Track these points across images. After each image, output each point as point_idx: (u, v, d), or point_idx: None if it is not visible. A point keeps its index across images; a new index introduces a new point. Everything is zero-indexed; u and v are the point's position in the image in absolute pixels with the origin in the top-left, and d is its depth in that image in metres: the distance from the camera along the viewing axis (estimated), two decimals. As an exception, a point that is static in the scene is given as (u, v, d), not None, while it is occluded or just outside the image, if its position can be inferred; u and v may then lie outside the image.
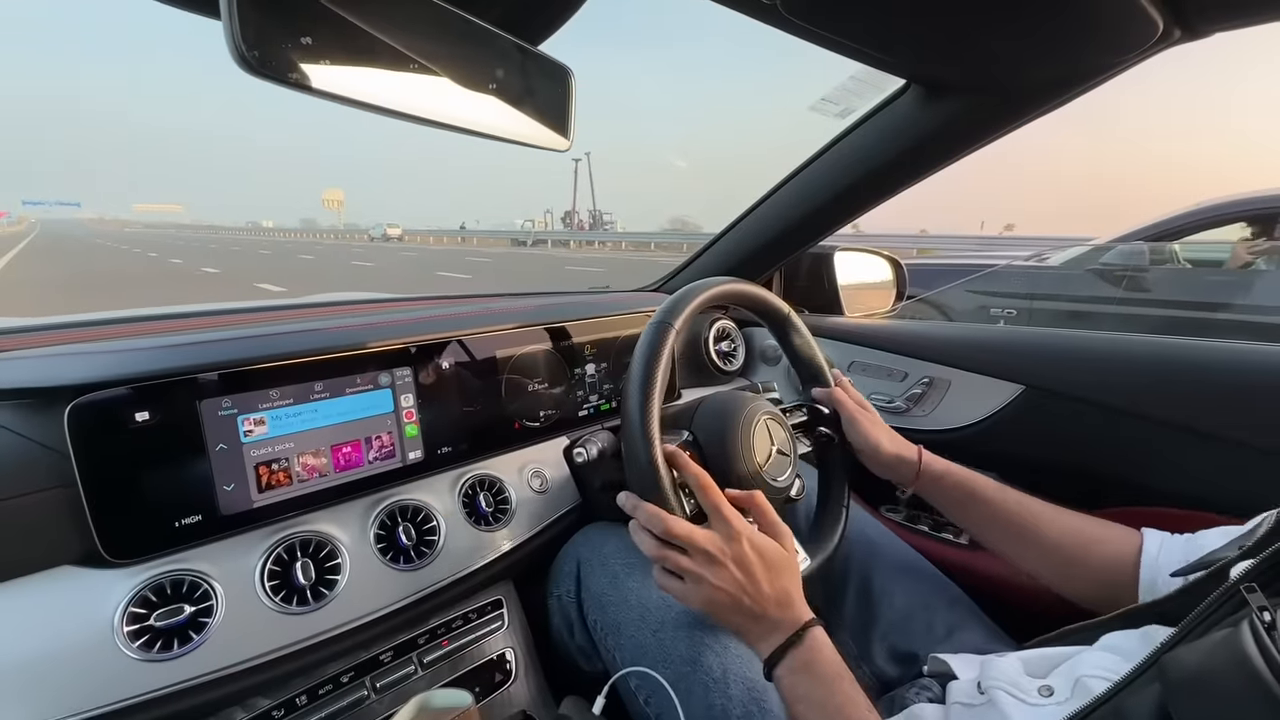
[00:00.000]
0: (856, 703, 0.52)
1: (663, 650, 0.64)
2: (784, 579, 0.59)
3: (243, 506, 0.62)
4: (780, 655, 0.55)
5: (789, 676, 0.55)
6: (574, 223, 55.54)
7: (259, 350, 0.64)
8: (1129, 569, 0.62)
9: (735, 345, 1.25)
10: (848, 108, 0.84)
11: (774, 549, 0.60)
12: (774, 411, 0.75)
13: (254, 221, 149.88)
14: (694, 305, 0.67)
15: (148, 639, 0.54)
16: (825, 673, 0.54)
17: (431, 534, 0.72)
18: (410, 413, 0.75)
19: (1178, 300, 2.78)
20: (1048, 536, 0.68)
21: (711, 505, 0.61)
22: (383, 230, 55.43)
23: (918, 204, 30.27)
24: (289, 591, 0.62)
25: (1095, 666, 0.49)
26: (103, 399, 0.55)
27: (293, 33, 0.31)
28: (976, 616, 0.77)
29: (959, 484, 0.74)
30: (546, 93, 0.49)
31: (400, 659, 0.70)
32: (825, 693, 0.53)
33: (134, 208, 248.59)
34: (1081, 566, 0.66)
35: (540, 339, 0.92)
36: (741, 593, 0.57)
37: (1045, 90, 0.70)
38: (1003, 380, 0.96)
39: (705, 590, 0.58)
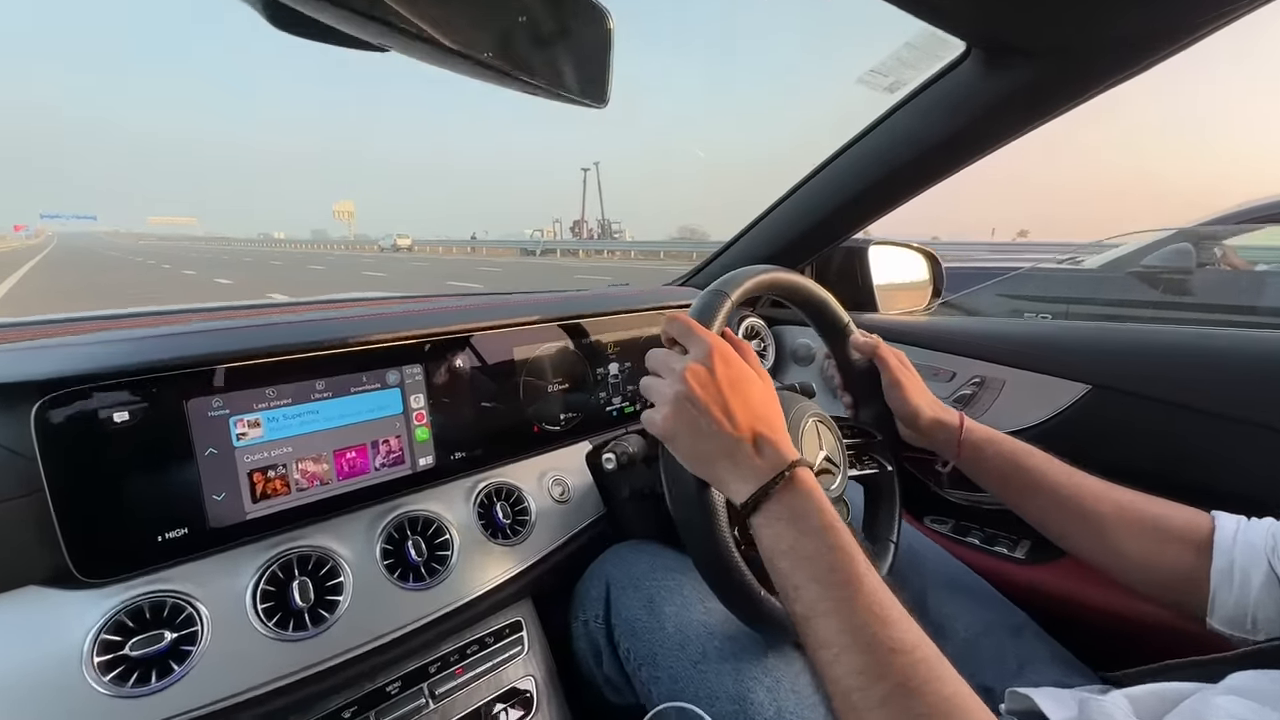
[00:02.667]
0: (854, 558, 0.44)
1: (705, 685, 0.56)
2: (761, 409, 0.52)
3: (234, 519, 0.56)
4: (760, 499, 0.47)
5: (769, 527, 0.47)
6: (583, 232, 55.73)
7: (253, 343, 0.58)
8: (1196, 552, 0.55)
9: (765, 345, 1.17)
10: (898, 80, 0.77)
11: (751, 375, 0.54)
12: (825, 416, 0.68)
13: (266, 233, 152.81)
14: (750, 284, 0.61)
15: (121, 671, 0.47)
16: (814, 523, 0.46)
17: (444, 549, 0.66)
18: (421, 414, 0.69)
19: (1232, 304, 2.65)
20: (1098, 510, 0.61)
21: (680, 326, 0.55)
22: (392, 241, 55.74)
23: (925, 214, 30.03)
24: (284, 615, 0.55)
25: (1228, 714, 0.42)
26: (75, 396, 0.49)
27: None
28: (1046, 644, 0.69)
29: (1002, 453, 0.68)
30: (584, 37, 0.42)
31: (409, 690, 0.63)
32: (817, 546, 0.45)
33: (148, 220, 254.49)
34: (1136, 545, 0.59)
35: (560, 336, 0.85)
36: (707, 417, 0.50)
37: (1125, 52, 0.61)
38: (1066, 379, 0.88)
39: (670, 415, 0.51)
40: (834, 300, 0.75)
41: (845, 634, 0.41)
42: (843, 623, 0.41)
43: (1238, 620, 0.52)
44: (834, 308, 0.75)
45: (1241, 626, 0.52)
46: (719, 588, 0.54)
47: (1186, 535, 0.57)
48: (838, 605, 0.42)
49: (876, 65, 0.75)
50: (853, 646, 0.40)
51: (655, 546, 0.72)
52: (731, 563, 0.52)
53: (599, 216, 57.78)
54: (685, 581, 0.65)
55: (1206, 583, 0.54)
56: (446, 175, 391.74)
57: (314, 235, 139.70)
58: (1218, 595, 0.53)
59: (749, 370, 0.54)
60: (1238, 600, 0.52)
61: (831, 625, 0.42)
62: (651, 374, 0.55)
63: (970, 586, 0.76)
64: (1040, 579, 0.88)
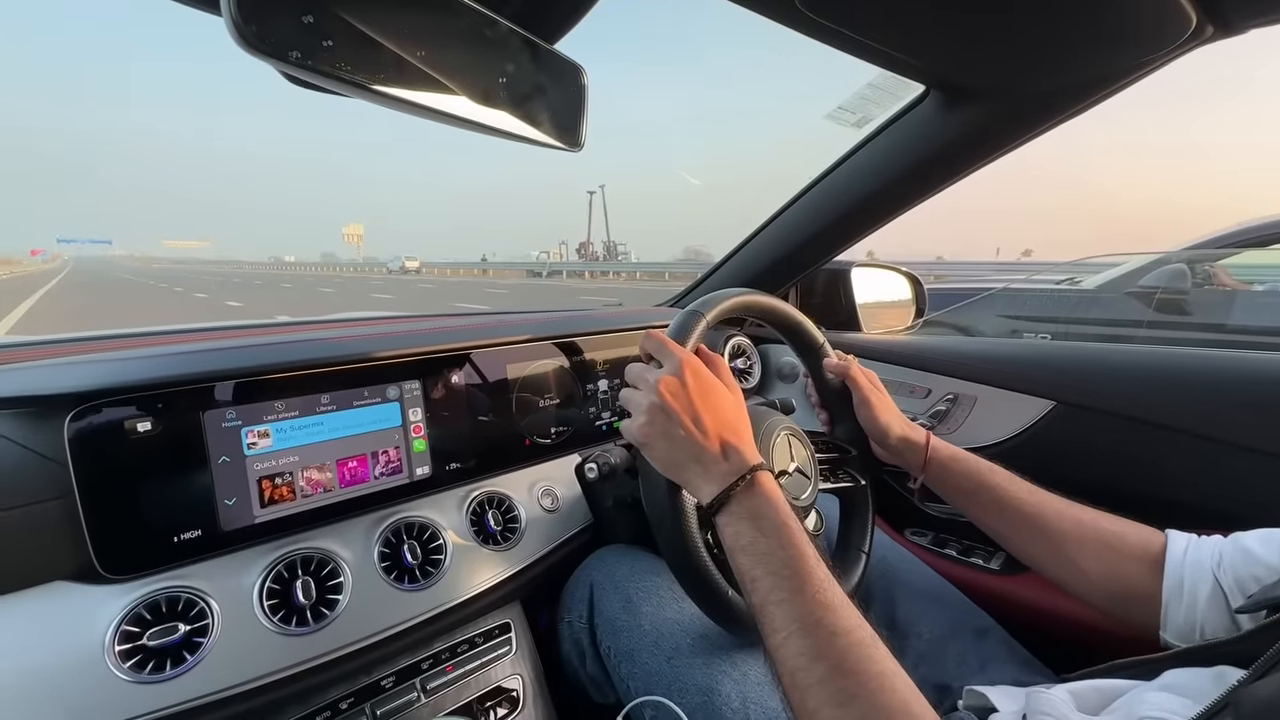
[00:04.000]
0: (805, 554, 0.48)
1: (678, 678, 0.61)
2: (729, 419, 0.56)
3: (244, 522, 0.60)
4: (723, 500, 0.52)
5: (732, 524, 0.52)
6: (588, 253, 56.04)
7: (265, 359, 0.63)
8: (1149, 568, 0.58)
9: (751, 363, 1.22)
10: (865, 116, 0.83)
11: (720, 387, 0.58)
12: (796, 429, 0.72)
13: (276, 256, 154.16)
14: (725, 305, 0.65)
15: (139, 659, 0.52)
16: (771, 521, 0.50)
17: (438, 553, 0.70)
18: (419, 427, 0.73)
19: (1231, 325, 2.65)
20: (1058, 527, 0.64)
21: (655, 343, 0.59)
22: (401, 263, 56.23)
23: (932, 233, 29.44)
24: (288, 611, 0.59)
25: (1158, 707, 0.45)
26: (103, 408, 0.54)
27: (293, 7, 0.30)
28: (1010, 647, 0.72)
29: (967, 471, 0.72)
30: (559, 91, 0.48)
31: (402, 684, 0.67)
32: (771, 543, 0.49)
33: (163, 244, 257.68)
34: (1094, 561, 0.62)
35: (552, 354, 0.90)
36: (678, 425, 0.54)
37: (1070, 94, 0.68)
38: (1032, 396, 0.92)
39: (645, 424, 0.56)
40: (809, 322, 0.78)
41: (793, 620, 0.45)
42: (791, 610, 0.46)
43: (1187, 633, 0.55)
44: (809, 329, 0.78)
45: (1191, 638, 0.54)
46: (686, 583, 0.58)
47: (1141, 553, 0.59)
48: (789, 595, 0.47)
49: (844, 102, 0.81)
50: (798, 631, 0.45)
51: (636, 551, 0.77)
52: (699, 560, 0.56)
53: (604, 238, 58.29)
54: (661, 583, 0.70)
55: (1159, 598, 0.56)
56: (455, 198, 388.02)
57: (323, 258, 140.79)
58: (1169, 609, 0.56)
59: (718, 383, 0.59)
60: (1187, 614, 0.55)
61: (782, 612, 0.46)
62: (630, 386, 0.60)
63: (941, 594, 0.80)
64: (1011, 588, 0.92)
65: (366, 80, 0.35)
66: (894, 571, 0.80)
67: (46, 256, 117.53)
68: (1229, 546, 0.55)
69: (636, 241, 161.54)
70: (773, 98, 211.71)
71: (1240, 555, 0.53)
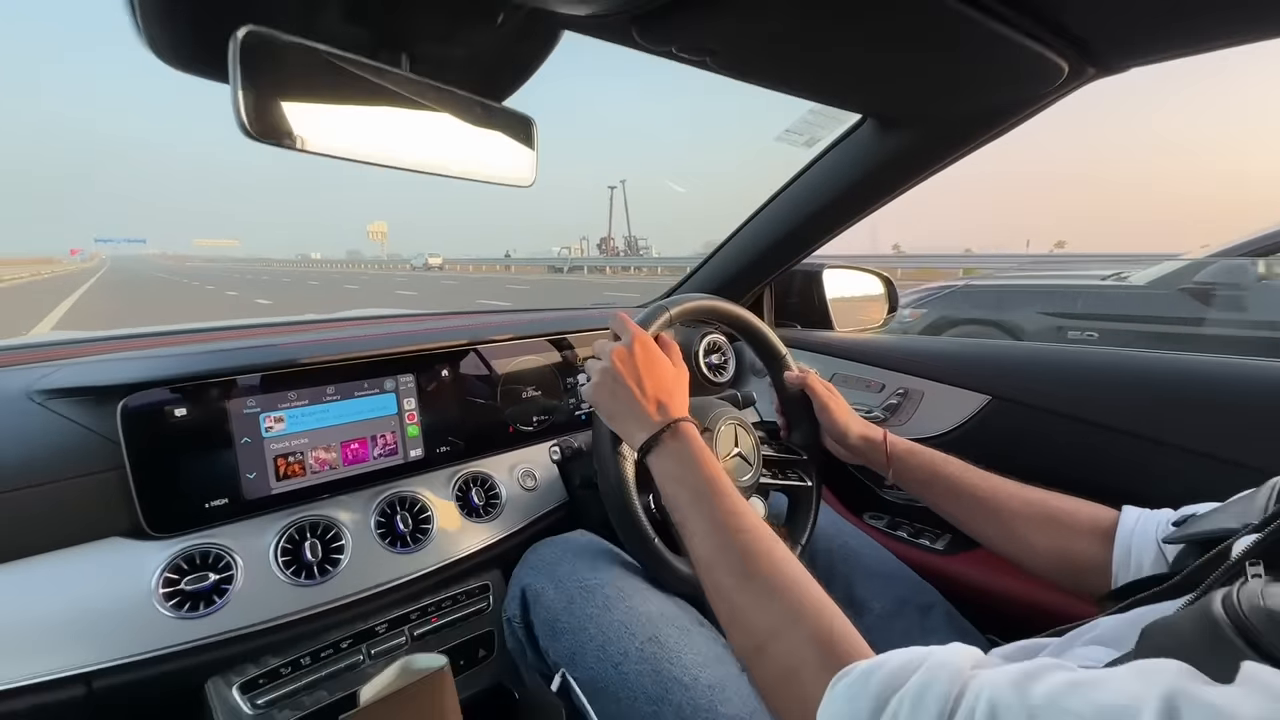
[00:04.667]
0: (717, 476, 0.60)
1: (625, 685, 0.59)
2: (666, 385, 0.68)
3: (262, 493, 0.72)
4: (652, 443, 0.64)
5: (659, 462, 0.63)
6: (609, 249, 55.52)
7: (279, 356, 0.74)
8: (1100, 541, 0.61)
9: (726, 358, 1.31)
10: (813, 137, 0.91)
11: (663, 361, 0.70)
12: (742, 420, 0.81)
13: (304, 254, 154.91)
14: (694, 305, 0.77)
15: (179, 600, 0.64)
16: (690, 455, 0.62)
17: (426, 523, 0.81)
18: (412, 415, 0.84)
19: None
20: (1008, 507, 0.69)
21: (619, 322, 0.72)
22: (424, 260, 55.68)
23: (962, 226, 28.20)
24: (298, 566, 0.71)
25: (1086, 658, 0.45)
26: (148, 396, 0.65)
27: (288, 103, 0.41)
28: (952, 619, 0.80)
29: (923, 463, 0.77)
30: (513, 138, 0.58)
31: (393, 630, 0.78)
32: (693, 474, 0.60)
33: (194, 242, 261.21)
34: (1043, 537, 0.66)
35: (535, 350, 1.00)
36: (622, 385, 0.66)
37: (971, 125, 0.76)
38: (971, 391, 1.00)
39: (596, 383, 0.68)
40: (772, 334, 0.87)
41: (706, 522, 0.57)
42: (706, 518, 0.57)
43: None
44: (771, 341, 0.87)
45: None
46: (618, 521, 0.68)
47: (1090, 527, 0.63)
48: (702, 506, 0.58)
49: (791, 125, 0.89)
50: (711, 530, 0.56)
51: (580, 541, 0.76)
52: (630, 500, 0.68)
53: (625, 233, 57.68)
54: (608, 581, 0.68)
55: (1109, 569, 0.60)
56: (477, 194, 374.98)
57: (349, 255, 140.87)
58: (1118, 578, 0.59)
59: (664, 358, 0.71)
60: (1134, 581, 0.56)
61: (698, 519, 0.58)
62: (593, 358, 0.72)
63: (893, 572, 0.87)
64: (954, 566, 1.01)
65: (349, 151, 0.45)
66: (853, 553, 0.87)
67: (85, 256, 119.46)
68: (1177, 519, 0.58)
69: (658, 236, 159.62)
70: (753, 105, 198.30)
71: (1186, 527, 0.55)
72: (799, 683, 0.45)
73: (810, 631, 0.47)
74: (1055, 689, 0.32)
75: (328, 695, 0.72)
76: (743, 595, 0.51)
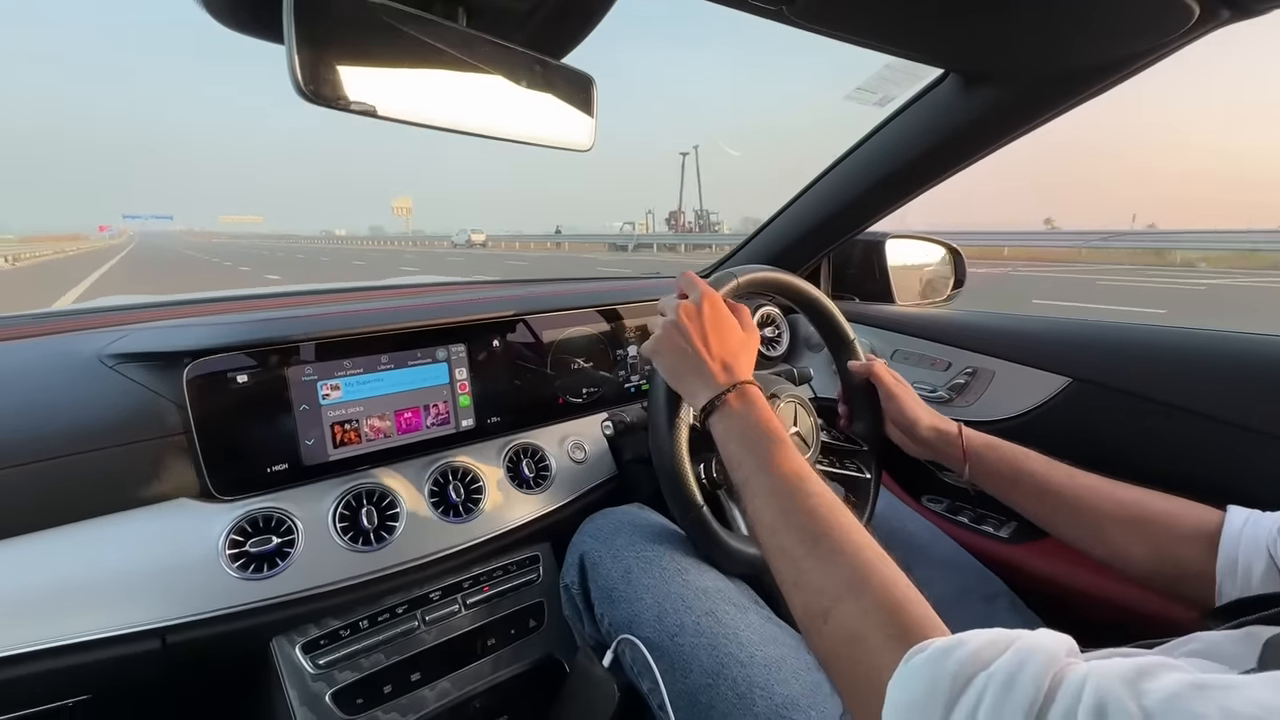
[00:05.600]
0: (783, 439, 0.57)
1: (681, 657, 0.58)
2: (733, 345, 0.65)
3: (320, 459, 0.73)
4: (716, 404, 0.61)
5: (721, 422, 0.61)
6: (680, 224, 50.82)
7: (336, 325, 0.74)
8: (1204, 546, 0.56)
9: (779, 332, 1.27)
10: (886, 96, 0.85)
11: (733, 322, 0.67)
12: (803, 399, 0.77)
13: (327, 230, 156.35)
14: (763, 276, 0.73)
15: (244, 561, 0.66)
16: (755, 418, 0.59)
17: (478, 493, 0.81)
18: (464, 385, 0.84)
19: None
20: (1100, 509, 0.64)
21: (688, 280, 0.69)
22: (466, 236, 51.77)
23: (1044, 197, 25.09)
24: (356, 532, 0.72)
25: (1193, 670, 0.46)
26: (212, 362, 0.67)
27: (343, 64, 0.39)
28: (1020, 612, 0.76)
29: (1004, 459, 0.72)
30: (571, 99, 0.55)
31: (447, 598, 0.80)
32: (759, 435, 0.58)
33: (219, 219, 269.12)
34: (1139, 543, 0.61)
35: (586, 321, 0.99)
36: (689, 342, 0.63)
37: (1082, 78, 0.68)
38: (1048, 372, 0.93)
39: (660, 337, 0.66)
40: (842, 318, 0.82)
41: (771, 484, 0.54)
42: (770, 478, 0.54)
43: None
44: (840, 323, 0.82)
45: None
46: (667, 487, 0.67)
47: (1194, 532, 0.57)
48: (766, 466, 0.55)
49: (863, 83, 0.83)
50: (775, 492, 0.53)
51: (637, 515, 0.76)
52: (682, 467, 0.66)
53: (696, 207, 52.34)
54: (664, 553, 0.67)
55: (1213, 576, 0.55)
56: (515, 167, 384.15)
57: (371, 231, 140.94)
58: (1223, 587, 0.54)
59: (733, 319, 0.67)
60: (1241, 591, 0.53)
61: (762, 480, 0.55)
62: (658, 314, 0.69)
63: (953, 559, 0.83)
64: (1020, 556, 0.95)
65: (403, 113, 0.43)
66: (910, 537, 0.84)
67: (114, 232, 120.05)
68: None
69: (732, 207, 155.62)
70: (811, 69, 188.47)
71: None
72: (866, 651, 0.42)
73: (879, 597, 0.44)
74: (1176, 689, 0.28)
75: (384, 659, 0.74)
76: (808, 558, 0.48)
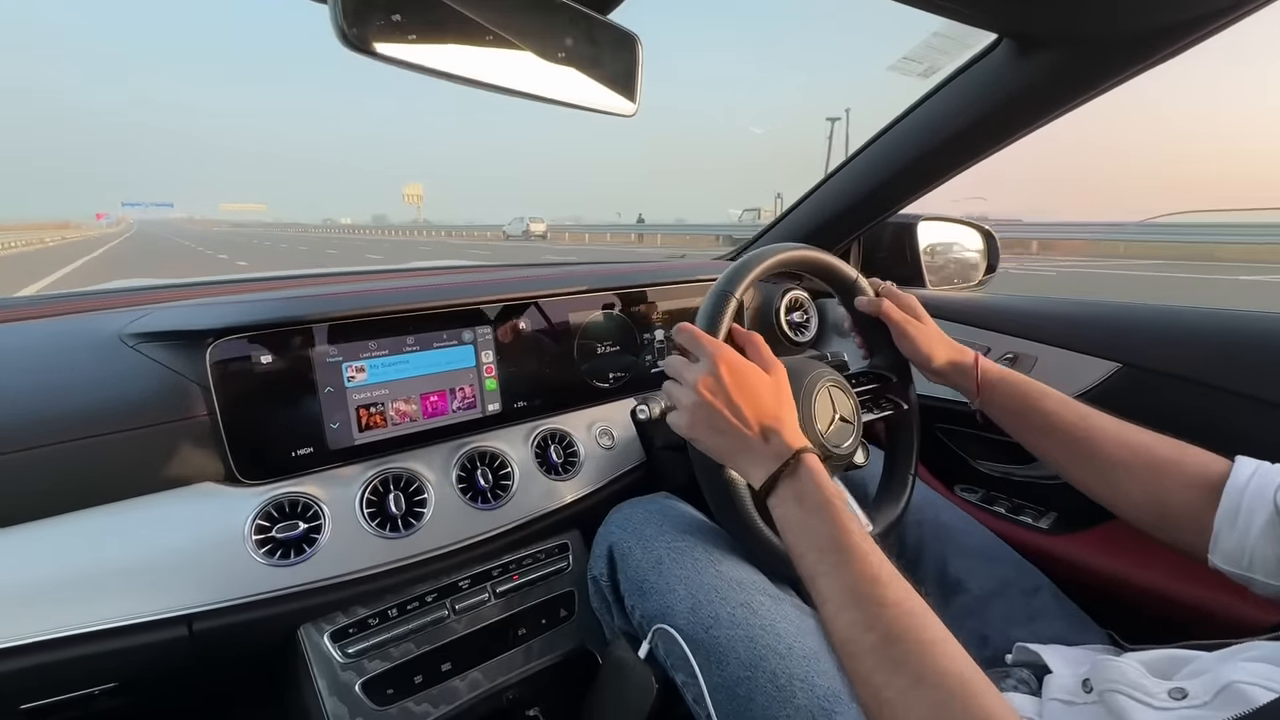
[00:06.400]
0: (849, 529, 0.52)
1: (717, 648, 0.56)
2: (768, 405, 0.59)
3: (346, 443, 0.71)
4: (771, 485, 0.56)
5: (780, 507, 0.56)
6: None
7: (360, 305, 0.72)
8: (1206, 493, 0.56)
9: (808, 316, 1.23)
10: (932, 66, 0.81)
11: (755, 375, 0.60)
12: (839, 380, 0.74)
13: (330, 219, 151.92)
14: (755, 273, 0.68)
15: (270, 547, 0.64)
16: (814, 501, 0.54)
17: (506, 479, 0.79)
18: (490, 368, 0.81)
19: None
20: (1105, 451, 0.63)
21: (688, 337, 0.62)
22: (523, 226, 41.51)
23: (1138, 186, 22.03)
24: (383, 519, 0.70)
25: (1254, 675, 0.42)
26: (235, 342, 0.64)
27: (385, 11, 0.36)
28: (1060, 603, 0.73)
29: (1017, 392, 0.71)
30: (615, 59, 0.52)
31: (476, 586, 0.77)
32: (816, 521, 0.53)
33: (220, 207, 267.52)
34: (1140, 486, 0.61)
35: (613, 304, 0.96)
36: (722, 420, 0.58)
37: (1135, 47, 0.63)
38: (1096, 357, 0.90)
39: (692, 422, 0.60)
40: (838, 261, 0.79)
41: (842, 592, 0.49)
42: (839, 583, 0.50)
43: (1235, 557, 0.54)
44: (839, 268, 0.79)
45: (1239, 563, 0.54)
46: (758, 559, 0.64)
47: (1198, 479, 0.58)
48: (834, 569, 0.50)
49: (908, 52, 0.79)
50: (849, 603, 0.48)
51: (665, 504, 0.73)
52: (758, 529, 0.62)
53: None
54: (696, 543, 0.65)
55: (1209, 524, 0.55)
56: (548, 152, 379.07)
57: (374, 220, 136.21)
58: (1220, 535, 0.55)
59: (753, 370, 0.61)
60: (1239, 539, 0.54)
61: (830, 585, 0.50)
62: (671, 380, 0.64)
63: (991, 550, 0.80)
64: (1061, 548, 0.92)
65: (445, 65, 0.40)
66: (945, 528, 0.81)
67: (112, 220, 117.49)
68: None
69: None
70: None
71: None
72: None
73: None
74: None
75: (415, 648, 0.72)
76: (889, 688, 0.44)
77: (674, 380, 0.63)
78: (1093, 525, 0.90)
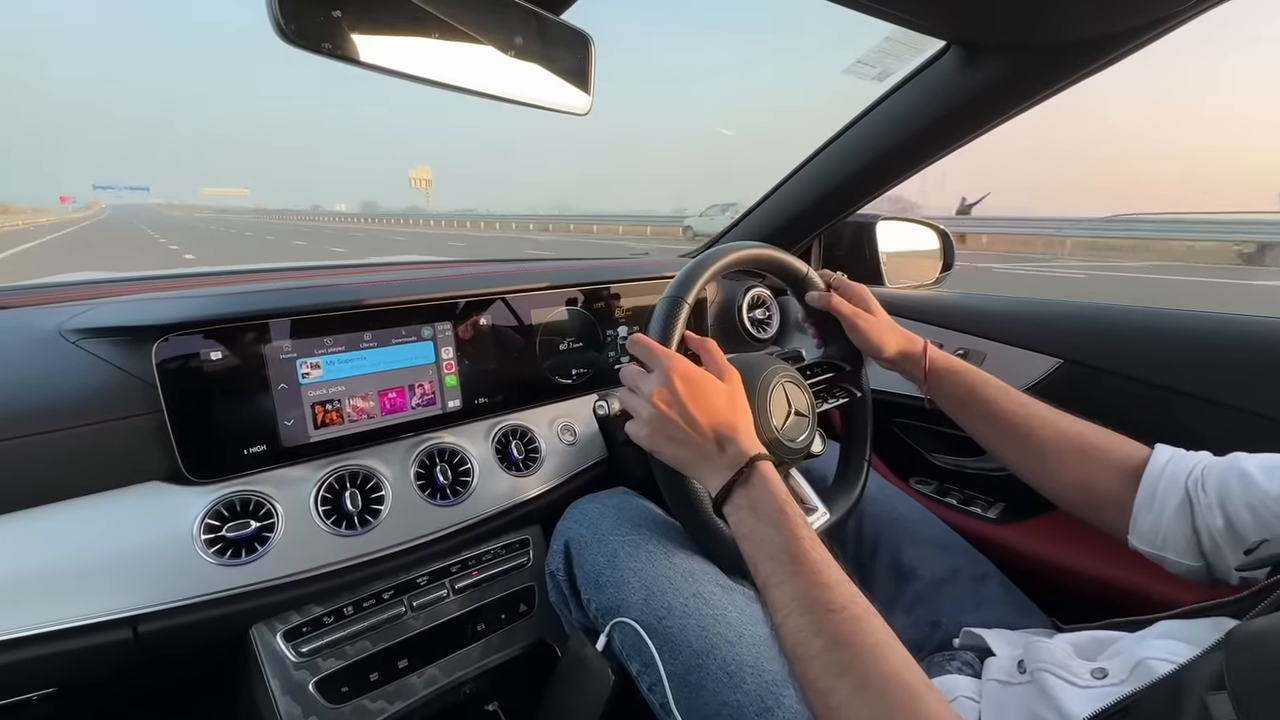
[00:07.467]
0: (800, 536, 0.53)
1: (670, 639, 0.58)
2: (722, 413, 0.60)
3: (300, 440, 0.70)
4: (726, 494, 0.58)
5: (735, 514, 0.57)
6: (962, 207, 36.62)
7: (317, 300, 0.71)
8: (1127, 478, 0.61)
9: (770, 313, 1.25)
10: (885, 70, 0.83)
11: (709, 383, 0.62)
12: (793, 375, 0.76)
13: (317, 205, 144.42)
14: (705, 277, 0.68)
15: (220, 547, 0.63)
16: (768, 509, 0.55)
17: (466, 475, 0.79)
18: (450, 364, 0.81)
19: None
20: (1040, 437, 0.67)
21: (642, 348, 0.63)
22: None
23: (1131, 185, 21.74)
24: (339, 516, 0.69)
25: (1161, 651, 0.46)
26: (183, 338, 0.63)
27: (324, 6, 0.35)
28: (1006, 590, 0.76)
29: (962, 381, 0.74)
30: (567, 59, 0.52)
31: (434, 583, 0.77)
32: (769, 530, 0.54)
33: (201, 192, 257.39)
34: (1070, 470, 0.65)
35: (575, 301, 0.96)
36: (678, 430, 0.59)
37: (1077, 54, 0.66)
38: (1039, 354, 0.93)
39: (651, 434, 0.61)
40: (788, 256, 0.80)
41: (792, 599, 0.51)
42: (790, 591, 0.51)
43: (1151, 538, 0.59)
44: (790, 263, 0.80)
45: (1154, 544, 0.58)
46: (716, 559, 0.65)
47: (1121, 464, 0.62)
48: (787, 577, 0.52)
49: (862, 56, 0.81)
50: (797, 609, 0.50)
51: (622, 499, 0.74)
52: (722, 535, 0.63)
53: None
54: (650, 537, 0.66)
55: (1130, 507, 0.60)
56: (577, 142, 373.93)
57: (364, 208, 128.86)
58: (1138, 517, 0.59)
59: (707, 378, 0.62)
60: (1154, 521, 0.58)
61: (782, 593, 0.51)
62: (627, 390, 0.65)
63: (943, 539, 0.83)
64: (1007, 537, 0.96)
65: (389, 62, 0.40)
66: (900, 518, 0.84)
67: (80, 204, 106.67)
68: (1223, 465, 0.56)
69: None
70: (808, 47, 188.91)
71: (1236, 478, 0.54)
72: None
73: None
74: None
75: (371, 645, 0.71)
76: (834, 694, 0.46)
77: (631, 390, 0.64)
78: (1037, 515, 0.94)
